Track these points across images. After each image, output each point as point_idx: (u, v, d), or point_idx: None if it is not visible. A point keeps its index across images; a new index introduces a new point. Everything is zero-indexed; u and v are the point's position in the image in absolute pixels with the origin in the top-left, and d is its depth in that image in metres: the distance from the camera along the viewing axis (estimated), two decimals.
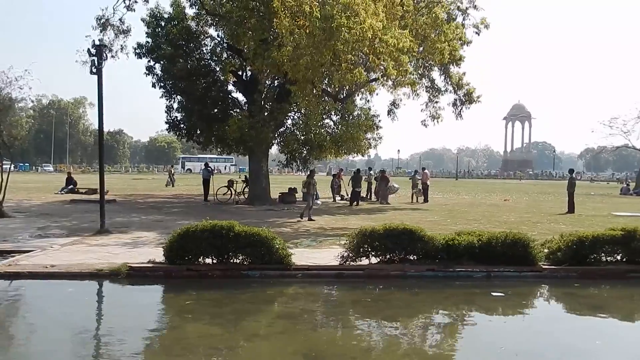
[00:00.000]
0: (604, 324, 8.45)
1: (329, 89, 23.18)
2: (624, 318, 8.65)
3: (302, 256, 11.30)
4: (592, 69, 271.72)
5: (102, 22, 21.16)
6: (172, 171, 46.98)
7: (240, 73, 26.57)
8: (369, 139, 28.93)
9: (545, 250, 11.30)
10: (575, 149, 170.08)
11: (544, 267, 10.85)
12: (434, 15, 18.90)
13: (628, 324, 8.33)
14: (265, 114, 25.28)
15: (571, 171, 25.68)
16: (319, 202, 25.35)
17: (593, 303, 9.55)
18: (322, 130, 28.00)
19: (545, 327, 8.06)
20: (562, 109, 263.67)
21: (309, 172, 20.40)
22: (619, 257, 11.19)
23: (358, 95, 27.16)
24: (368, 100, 28.56)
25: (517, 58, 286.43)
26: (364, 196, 28.97)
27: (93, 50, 14.45)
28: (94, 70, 14.42)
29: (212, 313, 8.22)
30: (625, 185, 46.05)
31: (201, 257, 10.37)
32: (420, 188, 28.39)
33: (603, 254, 11.14)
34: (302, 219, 18.31)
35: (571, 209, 22.67)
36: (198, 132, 27.29)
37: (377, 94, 27.72)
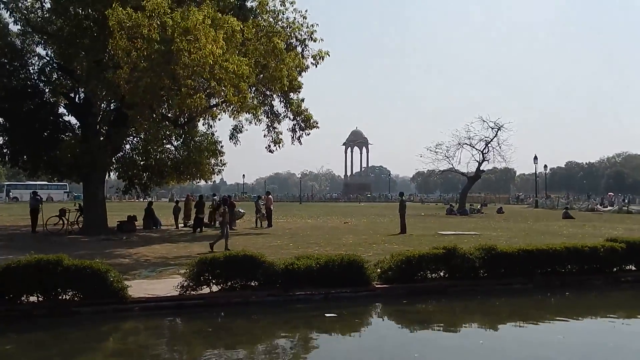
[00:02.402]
0: (426, 336, 9.21)
1: (168, 114, 22.75)
2: (445, 329, 9.49)
3: (140, 288, 10.90)
4: (420, 99, 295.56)
5: None
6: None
7: (72, 95, 25.08)
8: (213, 165, 28.73)
9: (378, 270, 12.05)
10: (408, 172, 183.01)
11: (377, 286, 11.56)
12: (272, 44, 19.45)
13: (446, 335, 9.15)
14: (101, 138, 24.09)
15: (401, 194, 27.57)
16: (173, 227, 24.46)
17: (418, 318, 10.36)
18: (163, 156, 27.28)
19: (373, 343, 8.59)
20: (395, 135, 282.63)
21: (221, 200, 19.89)
22: (441, 274, 12.27)
23: (200, 120, 26.96)
24: (211, 126, 28.46)
25: (354, 87, 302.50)
26: (208, 222, 28.62)
27: None
28: None
29: (36, 357, 7.63)
30: (450, 206, 50.37)
31: (25, 296, 9.58)
32: (264, 212, 28.70)
33: (428, 271, 12.14)
34: (214, 250, 17.31)
35: (403, 229, 24.30)
36: (25, 157, 25.19)
37: (219, 119, 27.74)
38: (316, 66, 23.82)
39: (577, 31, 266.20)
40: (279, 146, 26.52)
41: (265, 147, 26.67)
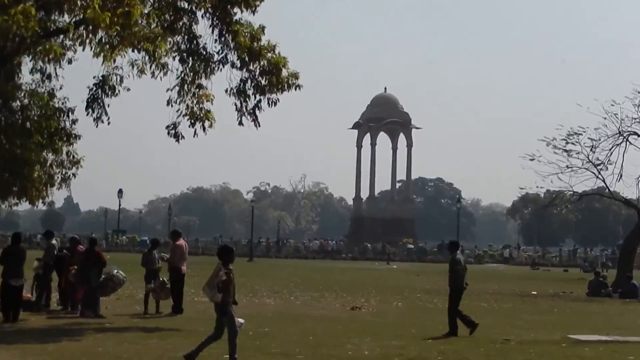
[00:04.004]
0: None
1: None
2: None
3: None
4: (523, 35, 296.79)
5: None
6: None
7: None
8: (51, 165, 28.70)
9: None
10: (503, 196, 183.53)
11: None
12: None
13: None
14: None
15: (454, 247, 26.69)
16: None
17: None
18: None
19: None
20: (470, 113, 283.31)
21: (221, 249, 19.38)
22: None
23: (26, 62, 27.04)
24: (48, 76, 28.44)
25: (380, 11, 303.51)
26: (34, 299, 28.59)
27: None
28: None
29: None
30: (595, 275, 49.71)
31: None
32: (165, 280, 28.63)
33: None
34: None
35: (451, 325, 24.36)
36: None
37: (69, 62, 27.76)
38: None
39: None
40: (204, 126, 26.51)
41: (167, 128, 26.65)
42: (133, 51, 23.01)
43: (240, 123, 26.62)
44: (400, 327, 26.00)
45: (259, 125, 26.75)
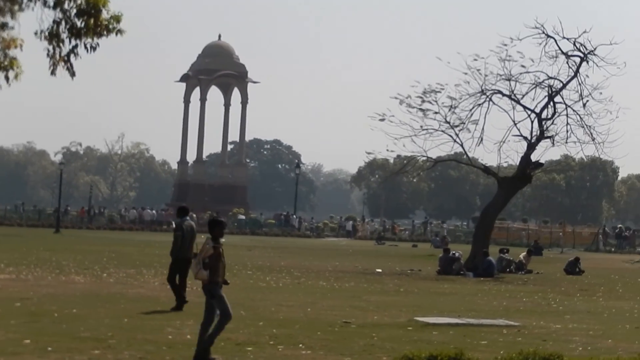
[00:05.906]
0: None
1: None
2: None
3: None
4: None
5: None
6: None
7: None
8: None
9: None
10: (348, 162, 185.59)
11: None
12: None
13: None
14: None
15: (181, 212, 27.11)
16: None
17: None
18: None
19: None
20: (316, 70, 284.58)
21: (211, 221, 18.90)
22: None
23: None
24: None
25: None
26: None
27: None
28: None
29: None
30: (445, 251, 49.38)
31: None
32: None
33: None
34: None
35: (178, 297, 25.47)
36: None
37: None
38: None
39: None
40: (8, 77, 26.18)
41: None
42: None
43: (53, 73, 26.20)
44: (231, 308, 26.13)
45: (75, 75, 26.38)
